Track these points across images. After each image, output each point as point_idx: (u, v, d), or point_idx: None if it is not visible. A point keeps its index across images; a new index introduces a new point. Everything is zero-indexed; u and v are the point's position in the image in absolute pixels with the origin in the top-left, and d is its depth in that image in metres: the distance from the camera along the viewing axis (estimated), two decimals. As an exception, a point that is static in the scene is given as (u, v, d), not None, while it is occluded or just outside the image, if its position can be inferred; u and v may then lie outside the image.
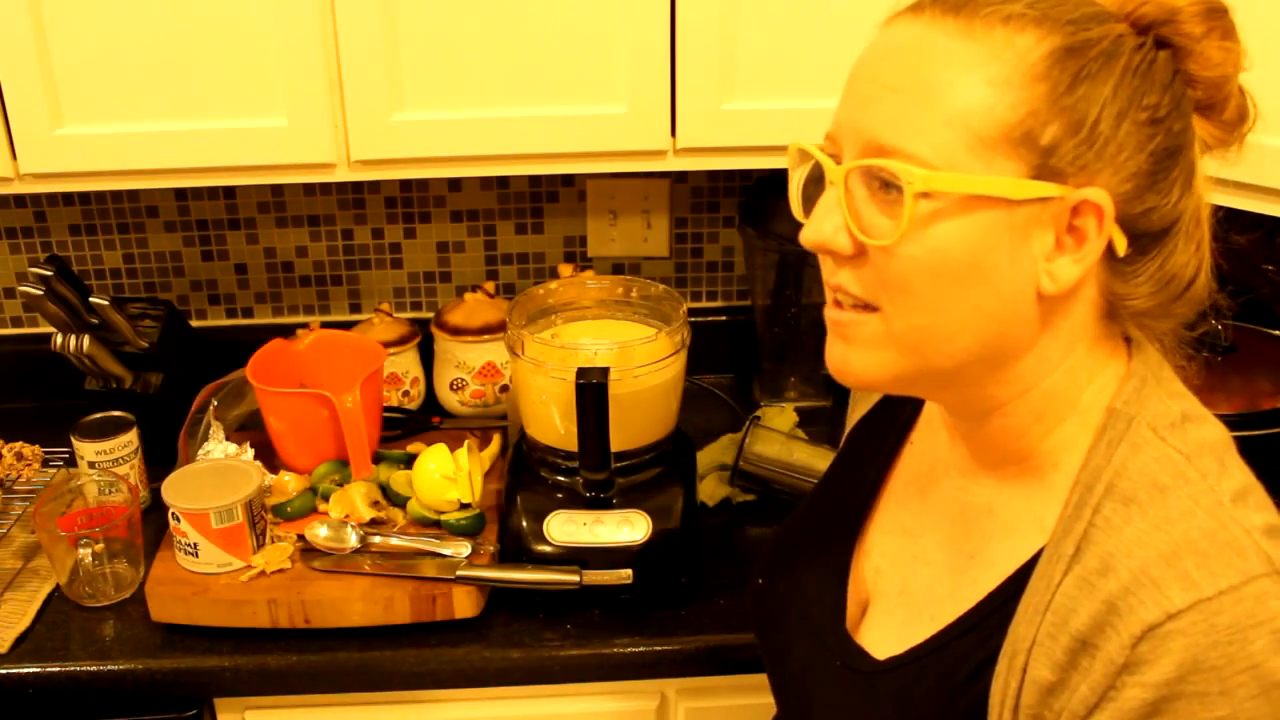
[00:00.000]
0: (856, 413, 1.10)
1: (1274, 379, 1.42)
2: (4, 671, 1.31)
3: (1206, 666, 0.71)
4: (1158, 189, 0.78)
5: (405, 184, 1.80)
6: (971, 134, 0.75)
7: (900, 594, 0.93)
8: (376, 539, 1.40)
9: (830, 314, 0.84)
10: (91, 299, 1.56)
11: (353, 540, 1.40)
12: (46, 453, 1.66)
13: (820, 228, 0.80)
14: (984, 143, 0.75)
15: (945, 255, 0.76)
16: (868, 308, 0.81)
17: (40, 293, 1.52)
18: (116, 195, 1.79)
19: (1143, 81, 0.77)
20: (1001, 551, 0.85)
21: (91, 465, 1.48)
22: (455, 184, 1.81)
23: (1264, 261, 1.63)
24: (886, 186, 0.77)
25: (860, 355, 0.82)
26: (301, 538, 1.41)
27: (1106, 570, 0.75)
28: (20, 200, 1.78)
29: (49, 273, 1.55)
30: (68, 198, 1.79)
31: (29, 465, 1.63)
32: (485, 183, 1.81)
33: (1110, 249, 0.78)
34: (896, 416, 1.03)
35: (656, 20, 1.38)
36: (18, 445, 1.65)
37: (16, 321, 1.86)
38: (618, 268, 1.87)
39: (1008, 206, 0.76)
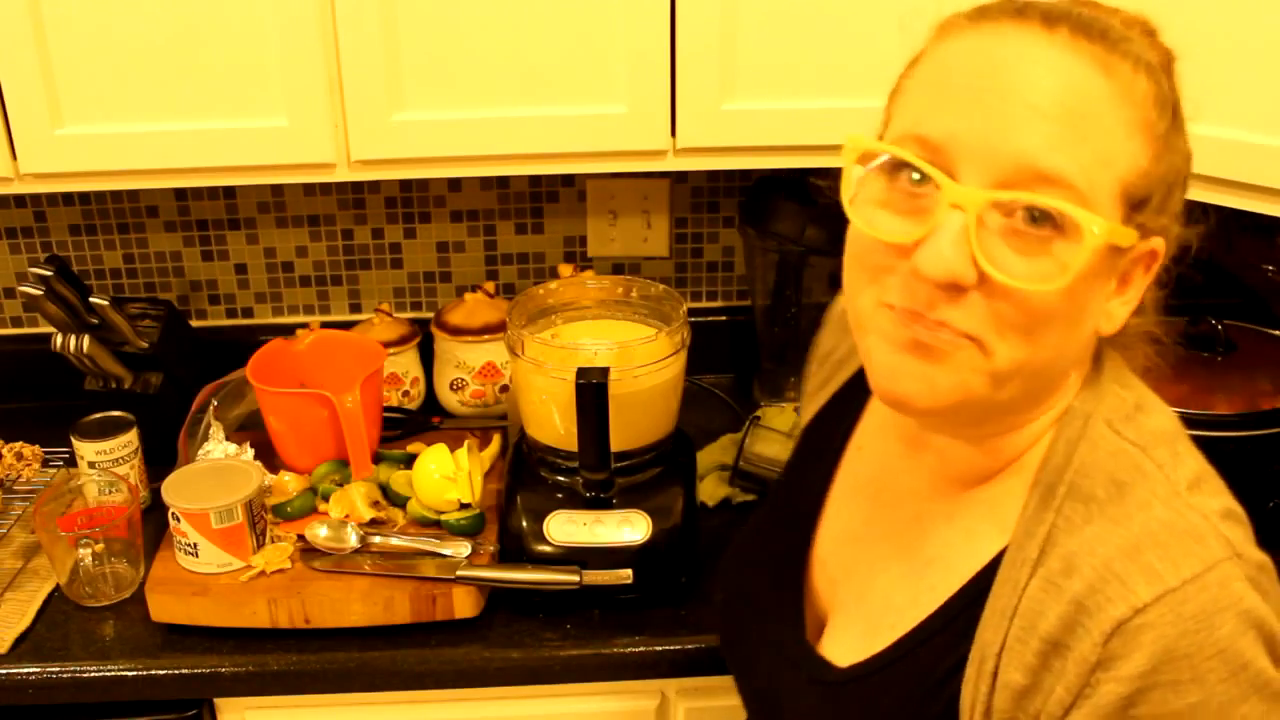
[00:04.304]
0: (805, 415, 1.10)
1: (1274, 379, 1.41)
2: (4, 671, 1.31)
3: (1178, 655, 0.72)
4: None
5: (405, 184, 1.80)
6: (1116, 178, 0.73)
7: (859, 603, 0.92)
8: (376, 539, 1.40)
9: (922, 334, 0.75)
10: (91, 299, 1.56)
11: (353, 540, 1.40)
12: (46, 453, 1.66)
13: (947, 260, 0.72)
14: (1122, 187, 0.73)
15: (1076, 302, 0.74)
16: (967, 335, 0.75)
17: (40, 293, 1.52)
18: (116, 195, 1.79)
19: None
20: (961, 555, 0.84)
21: (91, 465, 1.48)
22: (455, 184, 1.81)
23: (1264, 261, 1.63)
24: (1036, 221, 0.71)
25: (949, 378, 0.76)
26: (301, 538, 1.41)
27: (1070, 570, 0.75)
28: (20, 200, 1.78)
29: (49, 273, 1.55)
30: (68, 198, 1.79)
31: (29, 465, 1.63)
32: (485, 183, 1.81)
33: None
34: (841, 419, 1.01)
35: (656, 20, 1.38)
36: (18, 445, 1.65)
37: (16, 321, 1.86)
38: (618, 268, 1.87)
39: (1115, 254, 0.76)
